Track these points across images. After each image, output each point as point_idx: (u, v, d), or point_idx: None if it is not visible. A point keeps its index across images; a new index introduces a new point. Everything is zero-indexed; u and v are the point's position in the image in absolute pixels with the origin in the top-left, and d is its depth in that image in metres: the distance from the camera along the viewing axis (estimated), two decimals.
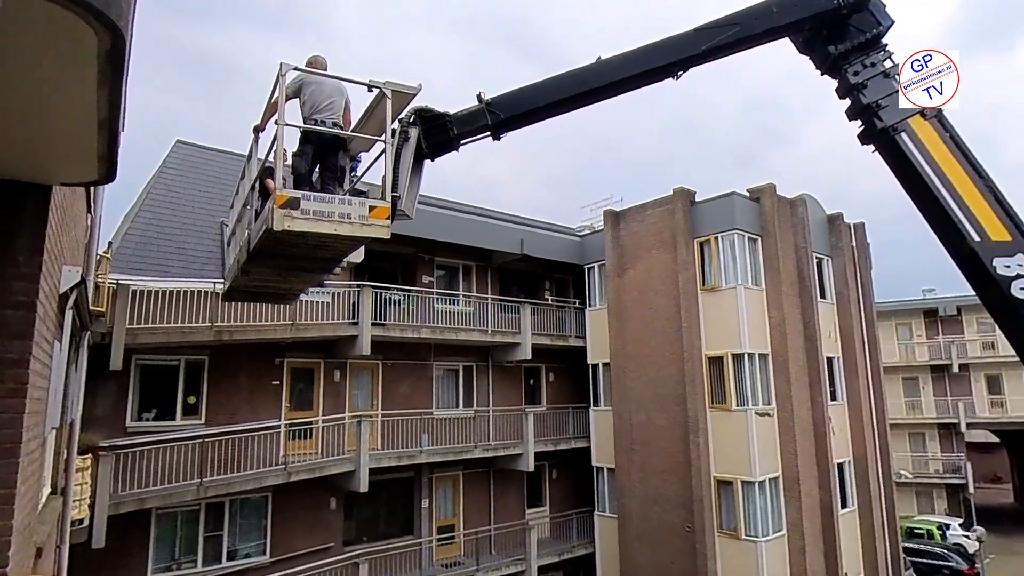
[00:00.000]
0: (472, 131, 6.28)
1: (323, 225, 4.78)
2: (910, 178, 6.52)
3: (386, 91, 5.32)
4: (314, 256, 5.48)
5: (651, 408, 19.08)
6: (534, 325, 19.81)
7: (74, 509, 9.09)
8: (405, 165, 6.05)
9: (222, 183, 17.28)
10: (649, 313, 19.49)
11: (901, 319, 35.49)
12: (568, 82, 6.34)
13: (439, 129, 6.25)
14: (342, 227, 4.83)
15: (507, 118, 6.26)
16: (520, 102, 6.31)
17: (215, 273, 15.09)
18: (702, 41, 6.36)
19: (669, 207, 19.37)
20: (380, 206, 5.04)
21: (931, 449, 33.89)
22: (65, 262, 4.58)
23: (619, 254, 20.64)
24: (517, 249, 19.91)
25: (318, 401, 16.40)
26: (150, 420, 13.95)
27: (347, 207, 4.90)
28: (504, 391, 20.30)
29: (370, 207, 4.97)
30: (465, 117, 6.29)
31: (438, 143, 6.27)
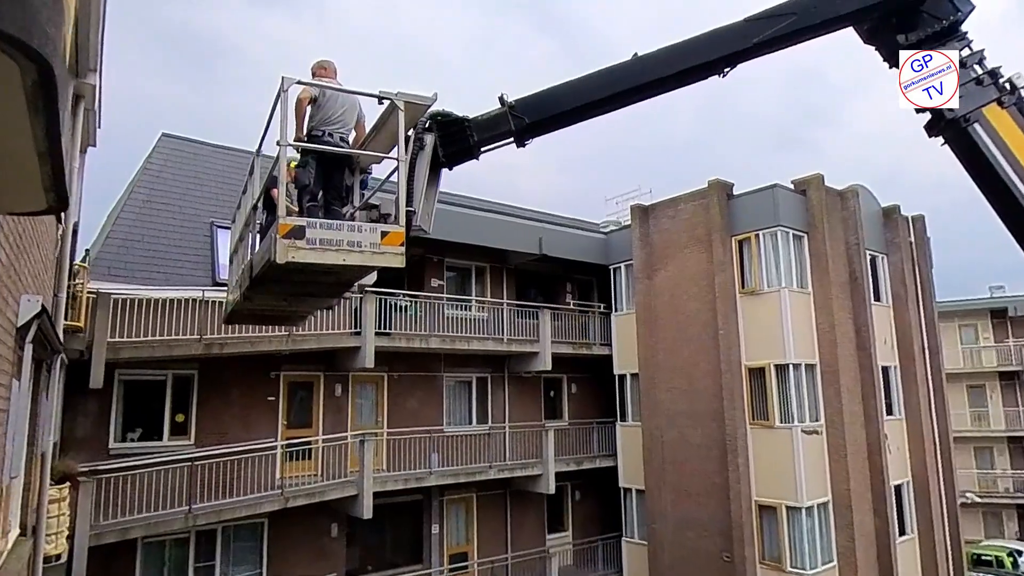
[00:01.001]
0: (494, 137, 6.28)
1: (330, 255, 4.79)
2: (982, 171, 6.35)
3: (398, 103, 5.31)
4: (321, 282, 5.52)
5: (684, 424, 18.94)
6: (554, 332, 19.74)
7: (50, 544, 9.06)
8: (420, 176, 6.05)
9: (211, 179, 17.30)
10: (682, 319, 19.36)
11: (966, 320, 34.73)
12: (600, 82, 6.22)
13: (457, 136, 6.25)
14: (352, 256, 4.85)
15: (532, 123, 6.23)
16: (547, 105, 6.26)
17: (204, 279, 15.16)
18: (753, 33, 6.14)
19: (704, 201, 19.16)
20: (393, 232, 5.04)
21: (1000, 465, 33.16)
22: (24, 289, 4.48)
23: (648, 253, 20.49)
24: (535, 249, 19.85)
25: (317, 418, 16.40)
26: (135, 441, 14.00)
27: (357, 234, 4.91)
28: (522, 405, 20.25)
29: (382, 233, 4.98)
30: (486, 122, 6.28)
31: (456, 151, 6.27)
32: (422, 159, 6.11)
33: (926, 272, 21.51)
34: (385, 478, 16.14)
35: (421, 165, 6.08)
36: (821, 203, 18.25)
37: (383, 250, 4.94)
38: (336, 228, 4.89)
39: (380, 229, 5.01)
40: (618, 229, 22.88)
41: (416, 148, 6.08)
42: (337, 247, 4.81)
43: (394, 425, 17.40)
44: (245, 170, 18.13)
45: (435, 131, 6.19)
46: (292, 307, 6.80)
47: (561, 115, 6.29)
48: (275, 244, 4.70)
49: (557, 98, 6.26)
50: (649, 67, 6.18)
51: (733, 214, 18.71)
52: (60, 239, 7.96)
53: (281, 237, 4.68)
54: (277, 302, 6.44)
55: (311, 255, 4.74)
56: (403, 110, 5.31)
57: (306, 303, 6.68)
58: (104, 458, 13.13)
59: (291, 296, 6.20)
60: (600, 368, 21.63)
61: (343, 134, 5.90)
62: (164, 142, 17.32)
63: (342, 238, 4.85)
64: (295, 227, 4.74)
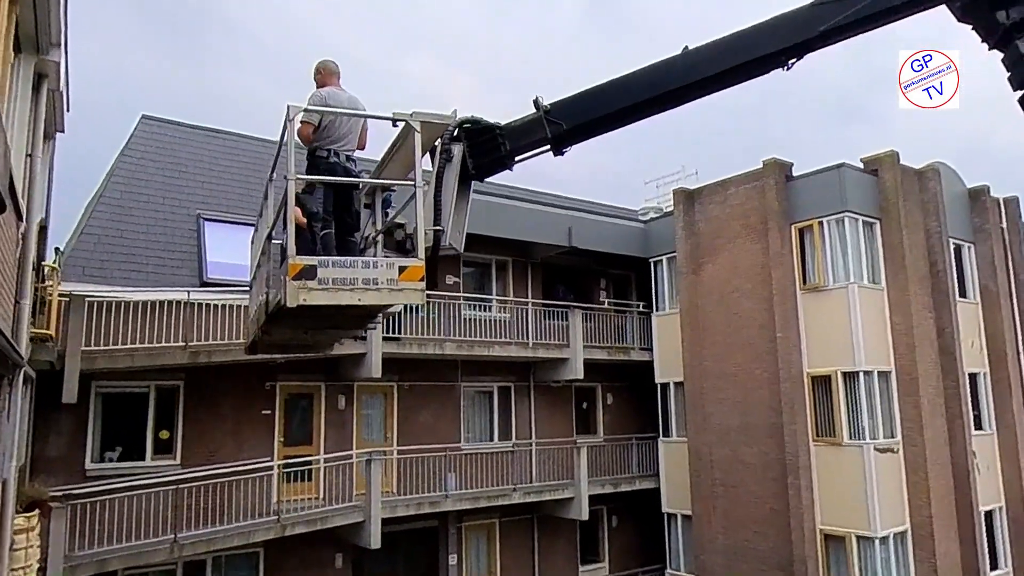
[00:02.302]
0: (528, 145, 6.40)
1: (344, 296, 5.04)
2: None
3: (413, 124, 5.48)
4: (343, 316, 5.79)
5: (737, 440, 18.75)
6: (587, 335, 19.65)
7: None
8: (448, 190, 6.21)
9: (198, 166, 17.35)
10: (734, 319, 19.17)
11: None
12: (647, 80, 6.19)
13: (488, 145, 6.39)
14: (368, 295, 5.10)
15: (571, 128, 6.30)
16: (586, 108, 6.32)
17: (191, 279, 15.24)
18: (823, 19, 5.90)
19: (758, 184, 18.96)
20: (412, 266, 5.27)
21: None
22: None
23: (694, 244, 20.29)
24: (564, 240, 19.73)
25: (318, 434, 16.42)
26: (114, 461, 14.07)
27: (372, 271, 5.17)
28: (550, 419, 20.16)
29: (400, 268, 5.22)
30: (519, 129, 6.40)
31: (487, 162, 6.42)
32: (450, 172, 6.26)
33: (1021, 263, 21.00)
34: (395, 502, 16.09)
35: (449, 178, 6.23)
36: (896, 184, 17.93)
37: (402, 286, 5.18)
38: (350, 266, 5.14)
39: (397, 264, 5.26)
40: (659, 217, 22.74)
41: (443, 160, 6.25)
42: (351, 286, 5.05)
43: (405, 442, 17.37)
44: (236, 155, 18.37)
45: (463, 140, 6.33)
46: (315, 338, 7.22)
47: (602, 119, 6.35)
48: (285, 287, 4.95)
49: (597, 100, 6.32)
50: (703, 62, 6.10)
51: (792, 198, 18.49)
52: (22, 238, 7.89)
53: (291, 279, 4.92)
54: (297, 334, 6.82)
55: (323, 296, 4.98)
56: (418, 131, 5.46)
57: (329, 334, 7.07)
58: (80, 481, 13.13)
59: (312, 330, 6.59)
60: (639, 376, 21.51)
61: (349, 151, 6.12)
62: (145, 126, 17.40)
63: (356, 276, 5.09)
64: (306, 267, 4.96)
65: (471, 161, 6.34)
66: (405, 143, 5.72)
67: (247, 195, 17.40)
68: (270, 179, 6.37)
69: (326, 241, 5.86)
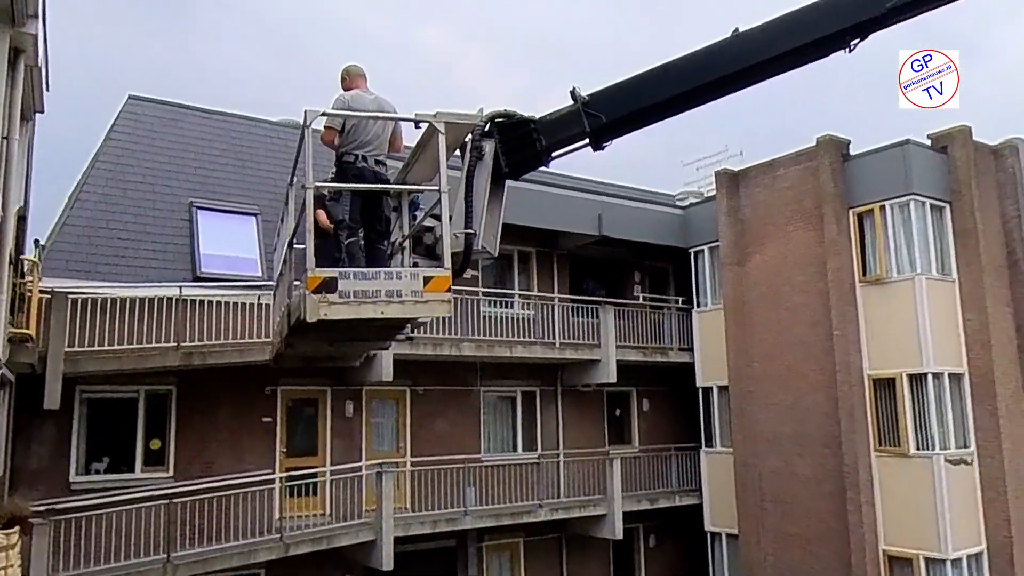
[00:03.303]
0: (565, 140, 6.58)
1: (367, 309, 5.28)
2: None
3: (437, 126, 5.66)
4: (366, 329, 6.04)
5: (789, 451, 18.65)
6: (620, 334, 19.59)
7: None
8: (480, 191, 6.40)
9: (190, 149, 17.38)
10: (785, 316, 19.07)
11: None
12: (696, 67, 6.30)
13: (522, 141, 6.55)
14: (391, 308, 5.33)
15: (611, 121, 6.43)
16: (629, 99, 6.44)
17: (183, 273, 15.34)
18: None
19: (812, 164, 18.85)
20: (437, 276, 5.50)
21: None
22: None
23: (739, 232, 20.21)
24: (594, 229, 19.67)
25: (324, 444, 16.46)
26: (101, 473, 14.14)
27: (396, 282, 5.40)
28: (579, 427, 20.09)
29: (425, 279, 5.45)
30: (555, 123, 6.56)
31: (521, 159, 6.60)
32: (481, 171, 6.45)
33: None
34: (409, 519, 16.10)
35: (480, 178, 6.44)
36: (968, 163, 17.76)
37: (427, 298, 5.40)
38: (372, 277, 5.39)
39: (422, 275, 5.50)
40: (699, 202, 22.68)
41: (473, 158, 6.46)
42: (374, 299, 5.29)
43: (419, 453, 17.36)
44: (232, 138, 18.41)
45: (495, 136, 6.54)
46: (340, 350, 7.55)
47: (646, 110, 6.51)
48: (304, 300, 5.18)
49: (640, 90, 6.43)
50: (757, 45, 6.18)
51: (851, 180, 18.35)
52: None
53: (310, 292, 5.14)
54: (322, 347, 7.15)
55: (345, 310, 5.22)
56: (443, 133, 5.63)
57: (355, 346, 7.44)
58: (64, 494, 13.19)
59: (337, 342, 6.90)
60: (679, 379, 21.44)
61: (378, 155, 6.36)
62: (132, 106, 17.43)
63: (379, 288, 5.32)
64: (326, 279, 5.19)
65: (504, 158, 6.52)
66: (429, 144, 5.91)
67: (244, 181, 17.45)
68: (290, 183, 6.60)
69: (351, 250, 6.16)
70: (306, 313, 5.16)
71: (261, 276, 15.97)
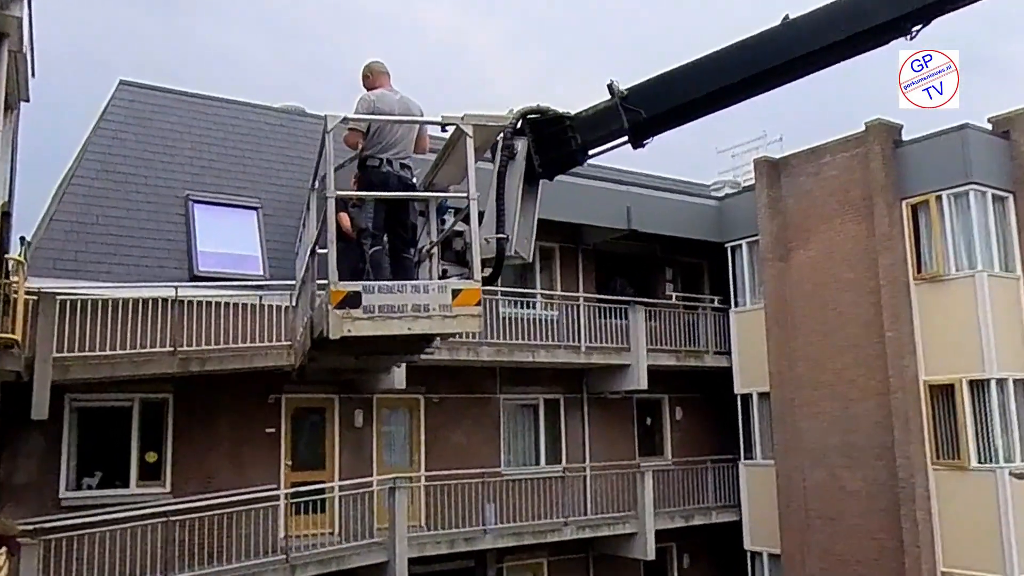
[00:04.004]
0: (602, 138, 6.66)
1: (392, 324, 5.41)
2: None
3: (465, 128, 5.77)
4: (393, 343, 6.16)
5: (837, 463, 18.58)
6: (651, 336, 19.63)
7: None
8: (512, 192, 6.51)
9: (186, 138, 17.38)
10: (831, 316, 18.98)
11: None
12: (744, 57, 6.35)
13: (556, 138, 6.65)
14: (418, 323, 5.46)
15: (652, 117, 6.48)
16: (671, 92, 6.50)
17: (179, 273, 15.37)
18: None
19: (860, 151, 18.79)
20: (467, 289, 5.61)
21: None
22: None
23: (781, 225, 20.16)
24: (622, 222, 19.57)
25: (332, 457, 16.48)
26: (93, 488, 14.15)
27: (423, 296, 5.52)
28: (607, 438, 20.09)
29: (453, 292, 5.57)
30: (592, 119, 6.64)
31: (556, 158, 6.69)
32: (513, 171, 6.54)
33: None
34: (424, 539, 16.10)
35: (512, 179, 6.53)
36: None
37: (456, 312, 5.52)
38: (398, 291, 5.51)
39: (451, 288, 5.62)
40: (736, 193, 22.64)
41: (505, 157, 6.55)
42: (400, 314, 5.42)
43: (435, 466, 17.33)
44: (231, 126, 18.37)
45: (528, 134, 6.62)
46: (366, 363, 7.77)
47: (689, 105, 6.52)
48: (327, 316, 5.31)
49: (683, 83, 6.49)
50: (810, 33, 6.19)
51: (903, 168, 18.27)
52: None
53: (334, 307, 5.26)
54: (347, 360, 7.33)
55: (369, 326, 5.35)
56: (470, 135, 5.73)
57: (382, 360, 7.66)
58: (54, 512, 13.20)
59: (362, 356, 7.07)
60: (715, 386, 21.41)
61: (403, 158, 6.49)
62: (123, 93, 17.47)
63: (405, 302, 5.45)
64: (350, 294, 5.31)
65: (537, 158, 6.60)
66: (457, 146, 6.05)
67: (244, 172, 17.49)
68: (312, 187, 6.82)
69: (376, 259, 6.36)
70: (329, 330, 5.27)
71: (263, 275, 16.03)
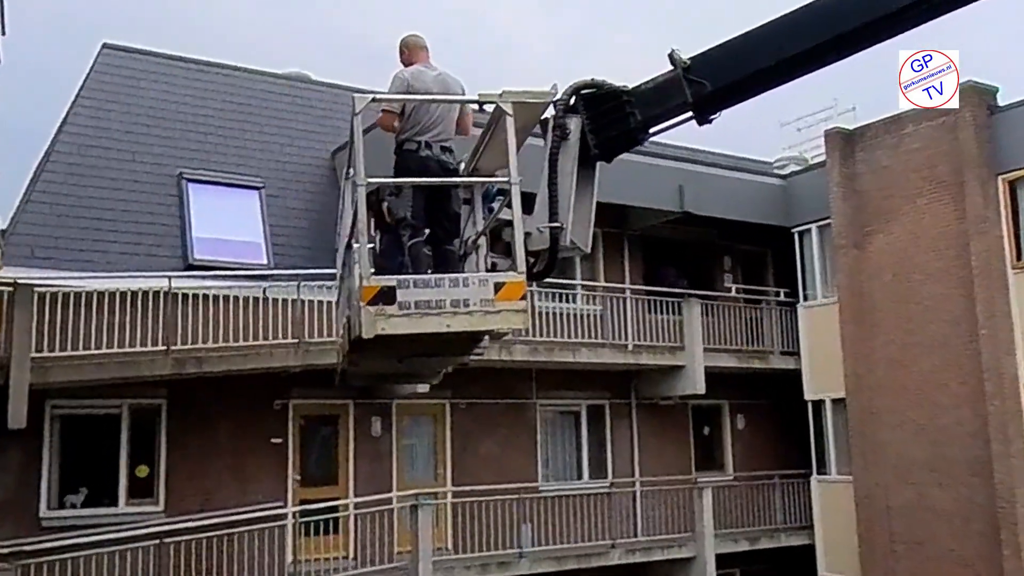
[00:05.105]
0: (664, 114, 6.63)
1: (429, 322, 5.55)
2: None
3: (504, 106, 5.85)
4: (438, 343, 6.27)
5: (925, 480, 18.43)
6: (708, 334, 19.65)
7: None
8: (566, 176, 6.48)
9: (179, 109, 17.44)
10: (916, 311, 18.87)
11: None
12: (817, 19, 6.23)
13: (613, 115, 6.60)
14: (457, 320, 5.58)
15: (717, 89, 6.44)
16: (740, 60, 6.48)
17: (173, 261, 15.41)
18: None
19: (947, 119, 18.46)
20: (510, 282, 5.71)
21: None
22: None
23: (856, 207, 20.06)
24: (674, 204, 19.60)
25: (347, 471, 16.52)
26: (78, 507, 14.14)
27: (463, 290, 5.64)
28: (659, 449, 20.14)
29: (496, 285, 5.68)
30: (651, 92, 6.60)
31: (613, 137, 6.66)
32: (566, 153, 6.50)
33: None
34: (451, 563, 16.08)
35: (566, 161, 6.49)
36: None
37: (498, 307, 5.64)
38: (436, 285, 5.65)
39: (493, 281, 5.74)
40: (803, 170, 22.75)
41: (556, 138, 6.54)
42: (438, 310, 5.54)
43: (463, 481, 17.35)
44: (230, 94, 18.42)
45: (582, 111, 6.58)
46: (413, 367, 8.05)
47: (760, 74, 6.48)
48: (360, 314, 5.50)
49: (754, 49, 6.46)
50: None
51: (999, 139, 18.10)
52: None
53: (366, 304, 5.42)
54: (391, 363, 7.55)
55: (405, 324, 5.49)
56: (511, 114, 5.80)
57: (430, 363, 7.76)
58: (33, 533, 13.23)
59: (405, 359, 7.26)
60: (783, 390, 21.39)
61: (444, 140, 6.67)
62: (108, 57, 17.54)
63: (444, 297, 5.57)
64: (383, 289, 5.47)
65: (593, 138, 6.56)
66: (498, 127, 6.12)
67: (245, 148, 17.64)
68: (345, 176, 6.95)
69: (415, 252, 6.41)
70: (361, 328, 5.44)
71: (267, 264, 16.12)
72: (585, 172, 6.65)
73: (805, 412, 20.92)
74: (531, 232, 6.25)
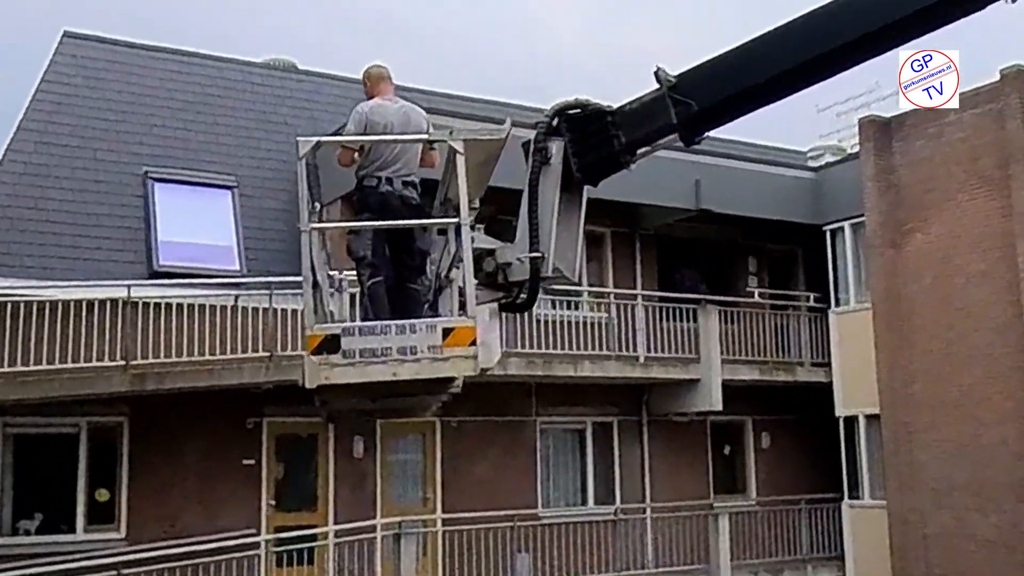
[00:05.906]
0: (649, 135, 6.69)
1: (375, 370, 5.66)
2: None
3: (455, 145, 6.05)
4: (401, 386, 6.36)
5: (966, 505, 18.34)
6: (728, 344, 19.71)
7: None
8: (547, 204, 6.58)
9: (145, 102, 17.52)
10: (958, 318, 18.80)
11: None
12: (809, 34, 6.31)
13: (597, 137, 6.68)
14: (404, 368, 5.69)
15: (705, 108, 6.47)
16: (728, 78, 6.53)
17: (135, 267, 15.46)
18: None
19: (993, 106, 18.50)
20: (459, 327, 5.83)
21: None
22: None
23: (892, 202, 19.94)
24: (689, 201, 19.68)
25: (326, 495, 16.60)
26: (31, 534, 14.23)
27: (410, 337, 5.75)
28: (673, 471, 20.18)
29: (444, 331, 5.79)
30: (636, 113, 6.67)
31: (597, 161, 6.74)
32: (547, 178, 6.58)
33: None
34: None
35: (547, 187, 6.59)
36: None
37: (447, 354, 5.71)
38: (381, 332, 5.76)
39: (440, 326, 5.86)
40: (837, 162, 22.80)
41: (536, 163, 6.63)
42: (384, 358, 5.65)
43: (453, 506, 17.34)
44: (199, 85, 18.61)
45: (565, 133, 6.69)
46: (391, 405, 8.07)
47: (749, 92, 6.55)
48: (304, 365, 5.63)
49: (743, 66, 6.54)
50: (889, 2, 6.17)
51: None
52: None
53: (309, 354, 5.56)
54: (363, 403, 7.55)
55: (349, 373, 5.62)
56: (462, 153, 5.98)
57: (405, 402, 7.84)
58: None
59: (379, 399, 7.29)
60: (812, 406, 21.35)
61: (406, 175, 6.78)
62: (68, 46, 17.64)
63: (390, 344, 5.68)
64: (326, 338, 5.60)
65: (576, 161, 6.64)
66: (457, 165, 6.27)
67: (217, 143, 17.74)
68: None
69: (374, 292, 6.59)
70: (304, 378, 5.59)
71: (239, 270, 16.12)
72: (570, 196, 6.78)
73: (836, 430, 20.87)
74: (511, 262, 6.44)
